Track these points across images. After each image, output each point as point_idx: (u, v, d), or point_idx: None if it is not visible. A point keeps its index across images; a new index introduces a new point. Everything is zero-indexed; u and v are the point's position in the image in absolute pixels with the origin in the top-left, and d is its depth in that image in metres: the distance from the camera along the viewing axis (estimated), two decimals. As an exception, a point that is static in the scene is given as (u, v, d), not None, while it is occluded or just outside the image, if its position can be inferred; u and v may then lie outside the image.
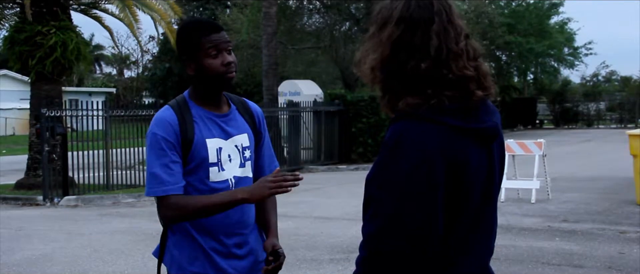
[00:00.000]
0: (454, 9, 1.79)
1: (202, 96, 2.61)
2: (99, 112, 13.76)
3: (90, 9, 15.98)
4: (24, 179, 14.27)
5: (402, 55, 1.74)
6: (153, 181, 2.50)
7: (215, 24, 2.65)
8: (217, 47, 2.54)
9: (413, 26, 1.75)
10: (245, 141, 2.65)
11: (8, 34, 14.53)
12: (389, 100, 1.80)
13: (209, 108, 2.61)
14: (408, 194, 1.68)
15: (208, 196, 2.52)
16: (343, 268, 6.79)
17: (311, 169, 18.27)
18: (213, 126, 2.60)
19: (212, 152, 2.56)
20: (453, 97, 1.73)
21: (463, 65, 1.74)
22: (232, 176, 2.60)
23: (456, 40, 1.75)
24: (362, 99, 19.63)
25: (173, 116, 2.54)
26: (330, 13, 27.66)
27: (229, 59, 2.56)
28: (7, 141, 33.54)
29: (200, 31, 2.56)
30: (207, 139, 2.56)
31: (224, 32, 2.61)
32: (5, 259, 7.71)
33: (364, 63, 1.81)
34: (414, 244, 1.68)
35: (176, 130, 2.52)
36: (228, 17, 32.61)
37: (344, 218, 9.75)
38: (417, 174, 1.68)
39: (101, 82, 55.19)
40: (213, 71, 2.54)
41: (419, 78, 1.74)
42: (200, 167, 2.54)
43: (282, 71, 26.65)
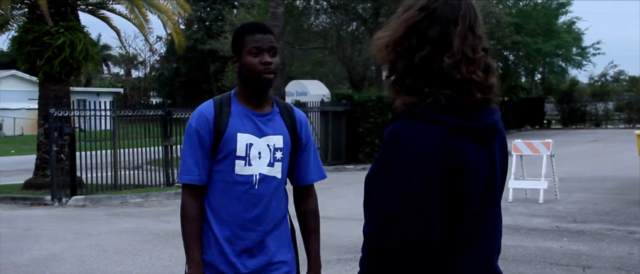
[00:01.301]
0: (479, 20, 1.81)
1: (244, 94, 2.72)
2: (106, 113, 13.79)
3: (98, 10, 16.02)
4: (32, 179, 14.31)
5: (414, 41, 1.76)
6: (183, 168, 2.69)
7: (263, 26, 2.75)
8: (259, 47, 2.65)
9: (433, 19, 1.76)
10: (279, 142, 2.72)
11: (17, 35, 14.57)
12: (394, 81, 1.81)
13: (249, 106, 2.71)
14: (406, 193, 1.69)
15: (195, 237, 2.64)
16: (351, 268, 6.79)
17: (318, 169, 18.24)
18: (249, 122, 2.69)
19: (240, 146, 2.66)
20: (450, 96, 1.74)
21: (473, 70, 1.75)
22: (258, 172, 2.68)
23: (473, 48, 1.76)
24: (369, 99, 19.62)
25: (211, 110, 2.68)
26: (337, 13, 27.66)
27: (267, 59, 2.65)
28: (16, 141, 33.68)
29: (247, 30, 2.70)
30: (238, 133, 2.66)
31: (273, 36, 2.72)
32: (13, 259, 7.75)
33: (381, 38, 1.83)
34: (412, 244, 1.68)
35: (210, 123, 2.65)
36: (235, 17, 32.64)
37: (351, 218, 9.75)
38: (415, 173, 1.69)
39: (109, 82, 55.34)
40: (251, 69, 2.65)
41: (424, 69, 1.75)
42: (227, 158, 2.65)
43: (289, 71, 26.66)
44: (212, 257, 2.67)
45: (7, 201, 12.99)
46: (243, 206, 2.66)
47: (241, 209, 2.66)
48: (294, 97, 19.70)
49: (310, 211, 2.90)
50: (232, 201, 2.66)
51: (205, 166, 2.66)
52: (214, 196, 2.69)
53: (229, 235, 2.67)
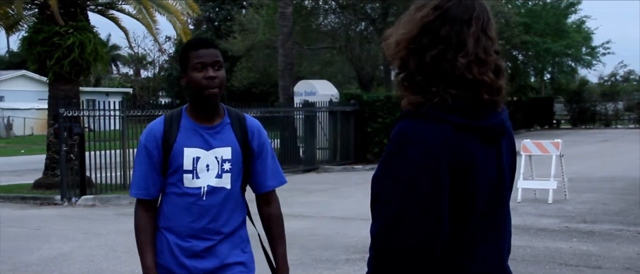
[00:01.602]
0: (492, 23, 1.82)
1: (193, 108, 2.82)
2: (115, 112, 13.82)
3: (107, 10, 16.07)
4: (42, 179, 14.37)
5: (426, 40, 1.76)
6: (132, 182, 2.85)
7: (206, 41, 2.83)
8: (203, 62, 2.72)
9: (446, 18, 1.77)
10: (227, 154, 2.80)
11: (27, 35, 14.63)
12: (404, 78, 1.81)
13: (198, 120, 2.80)
14: (412, 193, 1.69)
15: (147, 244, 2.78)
16: (359, 268, 6.79)
17: (327, 169, 18.27)
18: (196, 136, 2.79)
19: (187, 160, 2.76)
20: (457, 96, 1.74)
21: (484, 71, 1.75)
22: (206, 184, 2.78)
23: (485, 49, 1.77)
24: (378, 99, 19.60)
25: (160, 126, 2.81)
26: (346, 13, 27.65)
27: (211, 74, 2.72)
28: (26, 140, 33.84)
29: (191, 47, 2.77)
30: (185, 147, 2.77)
31: (216, 50, 2.78)
32: (24, 258, 7.78)
33: (391, 36, 1.83)
34: (419, 243, 1.69)
35: (158, 139, 2.78)
36: (244, 18, 32.69)
37: (359, 217, 9.75)
38: (421, 173, 1.69)
39: (118, 82, 55.51)
40: (196, 84, 2.73)
41: (434, 68, 1.75)
42: (176, 173, 2.77)
43: (297, 71, 26.68)
44: (167, 261, 2.80)
45: (17, 200, 13.05)
46: (192, 217, 2.78)
47: (190, 220, 2.78)
48: (302, 97, 19.70)
49: (272, 216, 3.01)
50: (182, 211, 2.78)
51: (153, 180, 2.80)
52: (167, 206, 2.82)
53: (179, 242, 2.79)
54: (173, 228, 2.79)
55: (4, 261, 7.68)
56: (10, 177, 16.84)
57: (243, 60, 33.99)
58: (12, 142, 33.23)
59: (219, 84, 2.73)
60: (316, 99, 19.21)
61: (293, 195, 13.05)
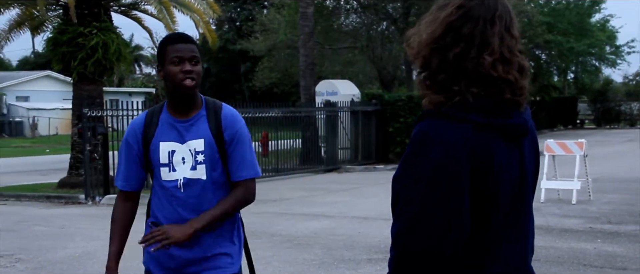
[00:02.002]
0: (515, 22, 1.83)
1: (171, 103, 2.87)
2: (138, 112, 13.90)
3: (130, 10, 16.20)
4: (66, 178, 14.51)
5: (448, 39, 1.77)
6: (116, 175, 3.04)
7: (184, 36, 2.87)
8: (180, 57, 2.77)
9: (469, 17, 1.78)
10: (199, 146, 2.84)
11: (51, 36, 14.79)
12: (426, 77, 1.82)
13: (174, 114, 2.87)
14: (433, 192, 1.69)
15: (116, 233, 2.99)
16: (381, 268, 6.78)
17: (348, 169, 18.26)
18: (171, 130, 2.86)
19: (163, 155, 2.85)
20: (478, 95, 1.74)
21: (509, 70, 1.76)
22: (182, 176, 2.84)
23: (510, 48, 1.78)
24: (399, 99, 19.56)
25: (141, 121, 2.91)
26: (367, 13, 27.63)
27: (187, 68, 2.76)
28: (51, 140, 34.21)
29: (169, 41, 2.82)
30: (161, 142, 2.85)
31: (193, 46, 2.82)
32: (49, 257, 7.88)
33: (414, 36, 1.84)
34: (440, 243, 1.68)
35: (138, 134, 2.89)
36: (265, 18, 32.78)
37: (381, 217, 9.73)
38: (442, 173, 1.69)
39: (141, 82, 55.89)
40: (172, 77, 2.77)
41: (457, 66, 1.75)
42: (156, 166, 2.88)
43: (319, 70, 26.69)
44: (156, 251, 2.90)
45: (43, 199, 13.19)
46: (173, 208, 2.87)
47: (171, 211, 2.87)
48: (324, 97, 19.71)
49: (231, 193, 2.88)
50: (164, 203, 2.89)
51: (131, 173, 2.94)
52: (153, 199, 2.96)
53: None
54: (158, 219, 2.91)
55: (30, 259, 7.78)
56: (35, 177, 17.04)
57: (264, 61, 34.10)
58: (37, 142, 33.63)
59: (195, 77, 2.78)
60: (338, 99, 19.21)
61: (315, 195, 13.06)
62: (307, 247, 8.08)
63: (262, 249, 7.99)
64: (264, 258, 7.50)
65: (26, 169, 19.60)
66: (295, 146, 18.60)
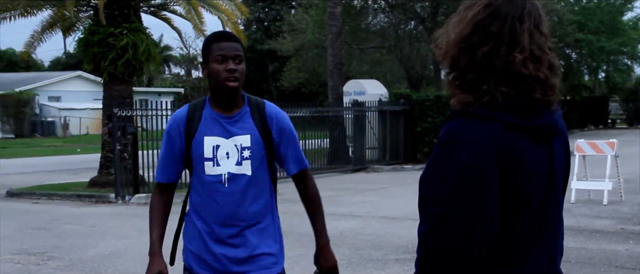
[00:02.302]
0: (544, 19, 1.81)
1: (214, 99, 2.89)
2: (167, 112, 14.02)
3: (159, 11, 16.35)
4: (97, 177, 14.67)
5: (476, 38, 1.76)
6: (157, 167, 3.03)
7: (229, 34, 2.93)
8: (224, 55, 2.79)
9: (497, 15, 1.77)
10: (245, 142, 2.86)
11: (82, 36, 14.97)
12: (455, 77, 1.81)
13: (218, 109, 2.88)
14: (460, 193, 1.68)
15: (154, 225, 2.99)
16: (409, 268, 6.77)
17: (376, 168, 18.23)
18: (216, 125, 2.86)
19: (208, 149, 2.85)
20: (507, 94, 1.73)
21: (539, 68, 1.74)
22: (226, 171, 2.85)
23: (540, 46, 1.77)
24: (427, 99, 19.48)
25: (184, 115, 2.90)
26: (395, 12, 27.55)
27: (231, 66, 2.78)
28: (82, 140, 34.64)
29: (213, 39, 2.85)
30: (205, 136, 2.85)
31: (237, 44, 2.84)
32: (80, 255, 7.98)
33: (442, 37, 1.83)
34: (466, 244, 1.67)
35: (181, 127, 2.88)
36: (293, 17, 32.84)
37: (409, 217, 9.71)
38: (469, 173, 1.68)
39: (170, 82, 56.33)
40: (216, 76, 2.80)
41: (486, 65, 1.74)
42: (198, 160, 2.86)
43: (347, 70, 26.67)
44: (198, 248, 2.91)
45: (74, 198, 13.36)
46: (216, 204, 2.85)
47: (215, 207, 2.86)
48: (351, 96, 19.70)
49: (307, 196, 3.05)
50: (207, 199, 2.87)
51: (170, 167, 2.95)
52: (195, 194, 2.93)
53: (208, 229, 2.88)
54: (200, 215, 2.89)
55: (61, 257, 7.89)
56: (67, 176, 17.28)
57: (292, 60, 34.17)
58: (68, 142, 34.08)
59: (238, 76, 2.80)
60: (365, 99, 19.18)
61: (342, 195, 13.06)
62: (335, 247, 8.04)
63: (289, 249, 7.99)
64: (291, 258, 7.51)
65: (58, 169, 19.88)
66: (323, 145, 18.61)
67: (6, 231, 9.68)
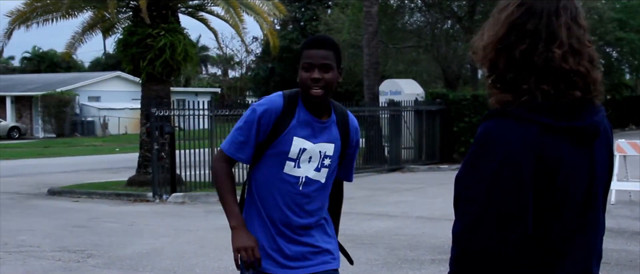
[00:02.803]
0: (580, 11, 1.78)
1: (303, 102, 2.86)
2: (204, 112, 14.14)
3: (197, 12, 16.49)
4: (135, 177, 14.85)
5: (513, 37, 1.74)
6: (229, 138, 2.88)
7: (321, 40, 2.85)
8: (311, 63, 2.77)
9: (531, 12, 1.75)
10: (329, 150, 2.89)
11: (121, 37, 15.16)
12: (494, 80, 1.79)
13: (311, 112, 2.86)
14: (495, 193, 1.67)
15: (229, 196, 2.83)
16: (445, 268, 6.72)
17: (412, 168, 18.14)
18: (306, 127, 2.84)
19: (294, 149, 2.82)
20: (548, 93, 1.70)
21: (579, 62, 1.71)
22: (305, 175, 2.85)
23: (579, 39, 1.74)
24: (464, 98, 19.33)
25: (279, 106, 2.82)
26: (432, 11, 27.38)
27: (315, 76, 2.76)
28: (120, 139, 35.13)
29: (305, 45, 2.83)
30: (295, 136, 2.81)
31: (327, 51, 2.79)
32: (119, 253, 8.09)
33: (478, 41, 1.82)
34: (500, 244, 1.66)
35: (273, 117, 2.80)
36: (329, 17, 32.86)
37: (445, 218, 9.64)
38: (504, 174, 1.67)
39: (206, 82, 56.88)
40: (302, 83, 2.80)
41: (525, 63, 1.72)
42: (279, 156, 2.82)
43: (383, 70, 26.59)
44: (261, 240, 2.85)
45: (113, 197, 13.55)
46: (285, 203, 2.84)
47: (284, 206, 2.84)
48: (387, 96, 19.64)
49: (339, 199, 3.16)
50: (276, 196, 2.84)
51: (244, 147, 2.83)
52: (263, 188, 2.86)
53: (272, 224, 2.86)
54: (267, 211, 2.86)
55: (100, 254, 8.01)
56: (106, 175, 17.53)
57: (328, 60, 34.14)
58: (107, 141, 34.58)
59: (323, 86, 2.78)
60: (401, 98, 19.11)
61: (378, 195, 13.03)
62: (371, 246, 8.07)
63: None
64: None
65: (97, 168, 20.19)
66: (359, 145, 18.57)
67: (48, 228, 9.86)
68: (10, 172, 19.25)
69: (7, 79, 48.48)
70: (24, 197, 13.89)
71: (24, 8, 15.29)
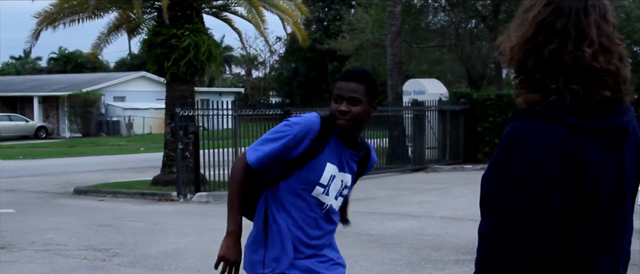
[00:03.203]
0: (609, 8, 1.76)
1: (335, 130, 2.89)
2: (228, 112, 14.20)
3: (221, 12, 16.57)
4: (159, 176, 14.95)
5: (541, 37, 1.72)
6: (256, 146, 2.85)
7: (353, 73, 2.91)
8: (340, 95, 2.83)
9: (559, 12, 1.73)
10: (348, 181, 2.97)
11: (147, 38, 15.29)
12: (522, 81, 1.77)
13: (342, 141, 2.91)
14: (521, 194, 1.65)
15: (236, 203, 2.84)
16: (469, 269, 6.69)
17: (436, 168, 18.07)
18: (337, 155, 2.89)
19: (326, 176, 2.87)
20: (577, 93, 1.68)
21: (609, 60, 1.69)
22: (330, 203, 2.92)
23: (609, 36, 1.72)
24: (488, 98, 19.21)
25: (317, 128, 2.83)
26: (456, 11, 27.24)
27: (343, 108, 2.81)
28: (145, 139, 35.40)
29: (340, 76, 2.92)
30: (328, 163, 2.86)
31: (358, 85, 2.83)
32: (144, 252, 8.16)
33: (505, 42, 1.80)
34: (527, 246, 1.65)
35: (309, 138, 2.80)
36: (353, 17, 32.83)
37: (469, 218, 9.59)
38: (531, 174, 1.65)
39: (230, 82, 57.11)
40: (331, 113, 2.85)
41: (554, 63, 1.70)
42: (309, 179, 2.85)
43: (406, 69, 26.51)
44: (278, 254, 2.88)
45: (137, 196, 13.66)
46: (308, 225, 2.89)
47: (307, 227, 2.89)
48: (411, 96, 19.58)
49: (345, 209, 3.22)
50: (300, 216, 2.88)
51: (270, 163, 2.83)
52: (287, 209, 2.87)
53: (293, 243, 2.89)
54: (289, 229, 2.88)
55: (126, 253, 8.08)
56: (131, 174, 17.69)
57: (352, 60, 34.13)
58: (132, 141, 34.87)
59: (350, 119, 2.82)
60: (425, 98, 19.04)
61: (402, 195, 13.00)
62: (394, 247, 8.05)
63: (348, 248, 8.01)
64: (350, 257, 7.52)
65: (122, 167, 20.37)
66: (382, 145, 18.56)
67: (74, 227, 9.98)
68: (37, 171, 19.51)
69: (35, 79, 49.14)
70: (51, 197, 14.06)
71: (51, 9, 15.49)
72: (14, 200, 13.41)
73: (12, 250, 8.34)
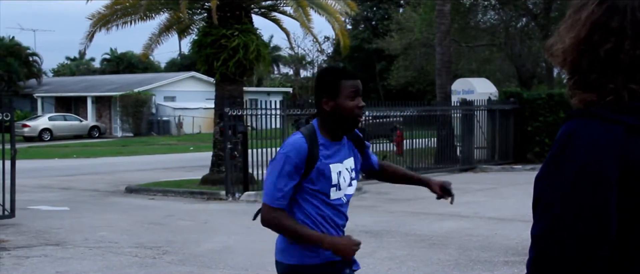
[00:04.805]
0: None
1: (329, 128, 3.03)
2: (276, 111, 14.26)
3: (269, 12, 16.66)
4: (208, 175, 15.12)
5: (596, 37, 1.68)
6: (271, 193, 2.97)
7: (353, 72, 3.15)
8: (356, 92, 2.99)
9: (613, 9, 1.68)
10: (352, 163, 3.12)
11: (196, 38, 15.48)
12: (576, 82, 1.74)
13: (328, 136, 3.03)
14: (576, 196, 1.62)
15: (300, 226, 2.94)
16: (518, 270, 6.60)
17: (485, 168, 17.86)
18: (335, 153, 3.03)
19: (334, 176, 3.00)
20: (636, 92, 1.64)
21: None
22: (344, 194, 3.06)
23: None
24: (539, 97, 18.89)
25: (304, 144, 2.96)
26: (506, 9, 26.86)
27: (362, 103, 3.02)
28: (194, 138, 35.85)
29: (342, 76, 3.03)
30: (330, 164, 2.99)
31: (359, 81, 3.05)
32: (193, 250, 8.27)
33: (556, 44, 1.76)
34: (581, 249, 1.61)
35: (303, 155, 2.94)
36: (401, 16, 32.70)
37: (519, 219, 9.46)
38: (587, 176, 1.61)
39: (278, 82, 57.43)
40: (348, 111, 2.97)
41: (610, 63, 1.67)
42: (323, 187, 2.98)
43: (455, 69, 26.28)
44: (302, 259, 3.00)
45: (187, 195, 13.85)
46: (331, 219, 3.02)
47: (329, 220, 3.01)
48: (460, 95, 19.40)
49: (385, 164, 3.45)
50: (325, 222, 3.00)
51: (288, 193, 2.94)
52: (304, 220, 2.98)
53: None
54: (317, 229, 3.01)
55: (175, 251, 8.21)
56: (180, 173, 17.94)
57: (400, 59, 34.02)
58: (182, 140, 35.36)
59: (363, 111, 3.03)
60: (474, 98, 18.84)
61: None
62: (442, 247, 7.99)
63: (396, 248, 7.99)
64: (398, 257, 7.50)
65: (172, 166, 20.68)
66: (431, 145, 18.44)
67: (125, 225, 10.17)
68: (90, 170, 19.95)
69: (88, 79, 50.24)
70: (103, 195, 14.36)
71: (105, 11, 15.80)
72: (68, 198, 13.74)
73: (66, 247, 8.55)
